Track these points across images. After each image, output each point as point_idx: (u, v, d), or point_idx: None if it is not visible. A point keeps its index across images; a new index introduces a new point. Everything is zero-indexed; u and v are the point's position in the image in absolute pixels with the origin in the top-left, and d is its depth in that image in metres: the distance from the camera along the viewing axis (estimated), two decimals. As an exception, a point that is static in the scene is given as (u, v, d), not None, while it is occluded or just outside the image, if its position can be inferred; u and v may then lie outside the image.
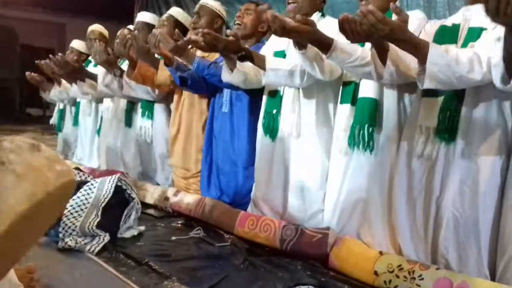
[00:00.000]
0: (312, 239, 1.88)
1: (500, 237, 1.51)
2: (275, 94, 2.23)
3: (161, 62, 2.59)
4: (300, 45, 1.76)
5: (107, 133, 3.52)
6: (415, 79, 1.57)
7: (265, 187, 2.28)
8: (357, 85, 1.90)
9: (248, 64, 2.14)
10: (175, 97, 2.91)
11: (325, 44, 1.67)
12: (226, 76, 2.21)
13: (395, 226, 1.74)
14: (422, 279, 1.51)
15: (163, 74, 2.64)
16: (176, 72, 2.46)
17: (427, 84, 1.46)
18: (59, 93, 4.03)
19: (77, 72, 3.29)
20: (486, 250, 1.53)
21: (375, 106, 1.83)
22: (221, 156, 2.58)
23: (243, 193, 2.44)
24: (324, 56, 1.73)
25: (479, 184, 1.53)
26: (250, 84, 2.24)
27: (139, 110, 3.18)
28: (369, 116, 1.82)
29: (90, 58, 3.89)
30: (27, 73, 3.98)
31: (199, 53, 2.57)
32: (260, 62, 2.08)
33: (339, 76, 1.96)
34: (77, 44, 4.08)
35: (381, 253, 1.69)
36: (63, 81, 3.84)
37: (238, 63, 2.13)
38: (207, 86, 2.55)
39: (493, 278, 1.52)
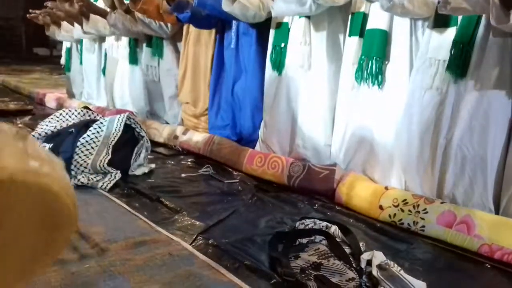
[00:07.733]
0: (319, 176, 1.90)
1: (506, 172, 1.51)
2: (282, 27, 2.16)
3: None
4: None
5: (112, 72, 3.50)
6: (420, 15, 1.50)
7: (273, 124, 2.26)
8: (365, 16, 1.83)
9: None
10: (183, 33, 2.85)
11: None
12: (227, 5, 2.13)
13: (402, 161, 1.75)
14: (426, 212, 1.53)
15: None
16: (174, 11, 2.38)
17: None
18: (63, 36, 3.99)
19: (89, 8, 3.14)
20: (492, 185, 1.54)
21: (385, 37, 1.76)
22: (229, 93, 2.55)
23: (251, 130, 2.44)
24: None
25: (489, 120, 1.51)
26: (251, 17, 2.17)
27: (144, 48, 3.13)
28: (377, 48, 1.77)
29: None
30: (28, 15, 3.81)
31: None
32: None
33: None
34: None
35: (386, 188, 1.71)
36: (63, 23, 3.76)
37: None
38: (210, 21, 2.49)
39: (497, 212, 1.54)
